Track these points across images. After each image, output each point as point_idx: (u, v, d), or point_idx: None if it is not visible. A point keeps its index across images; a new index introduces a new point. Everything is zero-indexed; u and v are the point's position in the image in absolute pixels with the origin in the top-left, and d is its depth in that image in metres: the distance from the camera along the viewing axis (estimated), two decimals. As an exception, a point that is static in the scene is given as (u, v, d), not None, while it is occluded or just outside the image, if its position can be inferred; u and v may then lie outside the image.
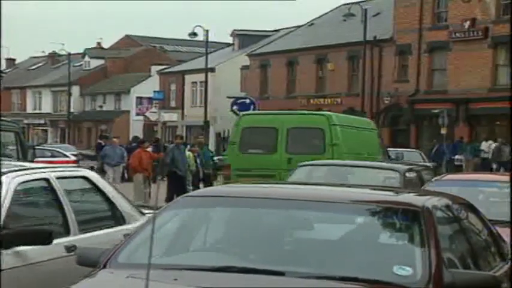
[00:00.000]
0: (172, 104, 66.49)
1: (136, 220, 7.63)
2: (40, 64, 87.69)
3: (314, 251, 5.28)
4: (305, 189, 6.60)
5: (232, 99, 31.51)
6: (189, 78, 65.09)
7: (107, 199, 7.56)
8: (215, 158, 29.09)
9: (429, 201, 5.56)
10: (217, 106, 54.15)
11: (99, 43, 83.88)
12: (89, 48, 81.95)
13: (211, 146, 46.94)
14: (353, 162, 14.44)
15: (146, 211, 8.40)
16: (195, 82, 63.25)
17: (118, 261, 5.13)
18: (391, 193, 6.58)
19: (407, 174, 12.62)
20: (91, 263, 5.29)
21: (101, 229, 7.25)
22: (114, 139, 28.28)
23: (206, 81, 54.90)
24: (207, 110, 54.06)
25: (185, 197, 6.02)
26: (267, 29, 66.12)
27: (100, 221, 7.48)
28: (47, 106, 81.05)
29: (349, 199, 5.84)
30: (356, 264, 5.02)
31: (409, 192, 6.86)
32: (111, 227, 7.43)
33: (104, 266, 5.14)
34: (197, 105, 61.62)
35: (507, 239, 6.61)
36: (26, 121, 71.14)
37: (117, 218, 7.57)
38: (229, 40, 66.80)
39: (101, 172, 25.47)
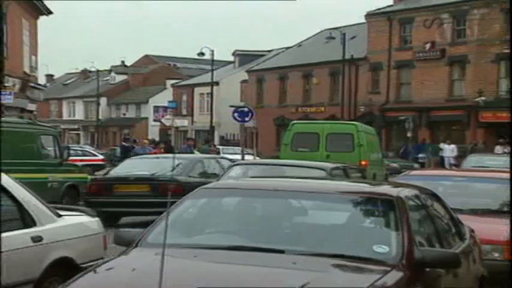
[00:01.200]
0: (184, 111, 66.46)
1: (50, 222, 6.53)
2: (74, 79, 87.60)
3: (308, 233, 5.29)
4: (301, 182, 6.60)
5: (233, 108, 31.45)
6: (197, 90, 65.15)
7: (14, 200, 6.34)
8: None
9: (402, 192, 5.57)
10: (221, 114, 54.14)
11: (122, 61, 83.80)
12: (115, 66, 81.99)
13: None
14: (285, 162, 13.51)
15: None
16: (203, 93, 63.30)
17: (147, 241, 5.13)
18: (370, 186, 6.60)
19: (333, 172, 11.86)
20: (126, 242, 5.31)
21: (3, 232, 5.95)
22: (145, 140, 28.32)
23: (212, 93, 55.01)
24: (212, 117, 54.13)
25: (202, 189, 5.96)
26: (263, 49, 66.13)
27: (4, 223, 6.12)
28: (79, 114, 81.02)
29: (337, 190, 5.86)
30: (342, 244, 5.02)
31: (386, 185, 6.84)
32: (17, 229, 6.27)
33: (136, 246, 5.16)
34: (204, 112, 61.64)
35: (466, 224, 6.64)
36: (62, 126, 70.85)
37: (25, 220, 6.38)
38: (231, 58, 66.83)
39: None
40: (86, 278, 4.73)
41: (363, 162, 20.40)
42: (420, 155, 37.51)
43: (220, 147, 40.08)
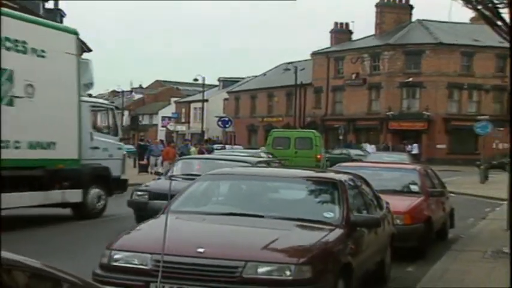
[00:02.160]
0: (183, 120, 65.97)
1: None
2: (105, 97, 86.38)
3: (279, 204, 5.40)
4: (274, 170, 6.73)
5: (217, 118, 31.49)
6: (192, 105, 64.74)
7: None
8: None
9: (343, 177, 5.73)
10: (209, 122, 53.92)
11: (140, 85, 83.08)
12: (134, 88, 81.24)
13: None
14: (220, 157, 12.22)
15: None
16: (196, 108, 62.92)
17: (171, 209, 5.10)
18: (321, 173, 6.73)
19: (258, 165, 10.15)
20: (156, 210, 5.48)
21: None
22: (156, 140, 28.10)
23: (203, 107, 54.80)
24: (203, 124, 53.95)
25: (206, 175, 6.06)
26: (239, 77, 66.04)
27: None
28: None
29: (299, 176, 5.97)
30: (303, 211, 5.13)
31: (331, 172, 6.92)
32: None
33: (163, 212, 5.13)
34: (197, 121, 61.29)
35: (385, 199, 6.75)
36: (96, 130, 69.91)
37: None
38: (217, 83, 66.63)
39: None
40: (125, 236, 4.69)
41: (319, 156, 21.21)
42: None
43: (227, 146, 39.28)
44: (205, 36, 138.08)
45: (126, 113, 74.69)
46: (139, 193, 9.30)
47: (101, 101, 13.41)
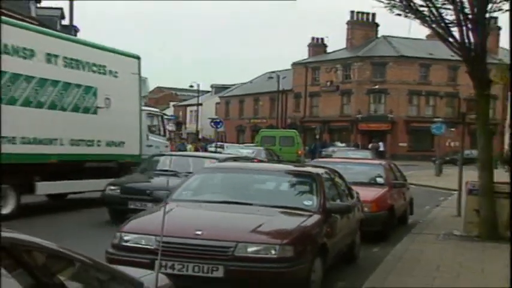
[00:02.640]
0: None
1: None
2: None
3: (266, 194, 5.42)
4: (260, 165, 6.75)
5: (210, 119, 31.45)
6: (189, 109, 64.42)
7: None
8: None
9: (319, 170, 5.79)
10: (203, 123, 53.79)
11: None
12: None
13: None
14: (193, 154, 12.25)
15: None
16: (192, 111, 62.63)
17: (173, 198, 5.20)
18: (300, 167, 6.76)
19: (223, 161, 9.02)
20: (159, 199, 5.45)
21: None
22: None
23: (197, 110, 54.58)
24: (198, 125, 53.79)
25: (202, 168, 6.10)
26: (229, 84, 65.90)
27: None
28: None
29: (282, 170, 6.01)
30: (286, 200, 5.18)
31: (309, 166, 6.87)
32: None
33: (166, 201, 5.19)
34: (193, 122, 61.12)
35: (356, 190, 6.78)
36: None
37: None
38: (210, 89, 66.47)
39: None
40: (134, 220, 4.72)
41: (299, 152, 21.79)
42: (324, 149, 37.77)
43: (225, 144, 38.69)
44: (200, 48, 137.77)
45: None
46: (112, 187, 8.74)
47: (153, 109, 15.22)
